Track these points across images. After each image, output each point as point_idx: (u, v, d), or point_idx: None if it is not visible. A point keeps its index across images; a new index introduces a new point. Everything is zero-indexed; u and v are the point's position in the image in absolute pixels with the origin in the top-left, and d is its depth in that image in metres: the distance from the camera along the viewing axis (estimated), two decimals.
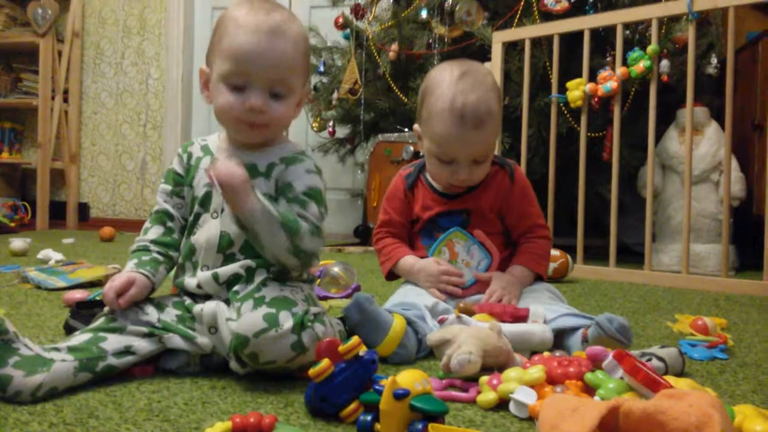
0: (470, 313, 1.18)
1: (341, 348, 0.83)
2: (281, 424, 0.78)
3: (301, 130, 3.90)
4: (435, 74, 1.33)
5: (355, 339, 0.84)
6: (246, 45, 1.02)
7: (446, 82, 1.28)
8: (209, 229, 1.07)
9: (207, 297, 1.05)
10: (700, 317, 1.39)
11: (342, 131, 3.55)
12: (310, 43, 1.10)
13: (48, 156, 4.07)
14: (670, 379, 0.88)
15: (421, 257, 1.38)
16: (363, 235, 3.41)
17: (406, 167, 1.47)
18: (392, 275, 1.43)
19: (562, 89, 2.51)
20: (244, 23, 1.03)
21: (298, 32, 1.07)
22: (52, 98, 4.09)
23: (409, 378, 0.78)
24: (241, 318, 0.94)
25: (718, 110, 2.65)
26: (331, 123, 3.38)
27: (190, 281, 1.06)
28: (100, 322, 1.00)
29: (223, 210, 1.06)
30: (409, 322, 1.14)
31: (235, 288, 1.03)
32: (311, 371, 0.82)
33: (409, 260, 1.38)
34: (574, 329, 1.15)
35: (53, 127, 4.11)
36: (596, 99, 2.44)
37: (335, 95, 3.23)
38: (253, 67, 1.03)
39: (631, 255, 2.97)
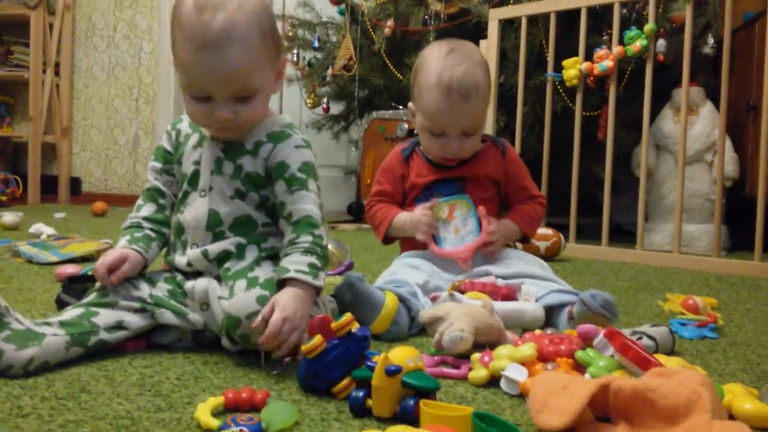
0: (461, 291, 1.18)
1: (333, 325, 0.83)
2: (273, 400, 0.79)
3: (295, 106, 3.87)
4: (425, 52, 1.39)
5: (347, 316, 0.84)
6: (197, 63, 0.96)
7: (434, 58, 1.34)
8: (197, 208, 1.05)
9: (198, 274, 1.04)
10: (690, 296, 1.40)
11: (336, 108, 3.53)
12: (271, 10, 1.04)
13: (39, 130, 4.03)
14: (661, 357, 0.88)
15: None
16: (356, 212, 3.41)
17: (402, 144, 1.49)
18: (388, 239, 1.44)
19: (558, 68, 2.49)
20: (190, 34, 0.95)
21: (250, 22, 0.96)
22: (44, 71, 4.05)
23: (402, 355, 0.78)
24: (233, 298, 0.94)
25: (713, 90, 2.65)
26: (325, 99, 3.35)
27: (180, 259, 1.05)
28: (91, 297, 1.00)
29: (211, 188, 1.05)
30: (402, 300, 1.14)
31: (227, 265, 1.02)
32: (303, 348, 0.82)
33: (402, 216, 1.40)
34: (562, 306, 1.16)
35: (44, 100, 4.07)
36: (592, 78, 2.43)
37: (330, 71, 3.20)
38: (208, 84, 0.97)
39: (624, 234, 2.98)
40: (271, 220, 1.06)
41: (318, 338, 0.82)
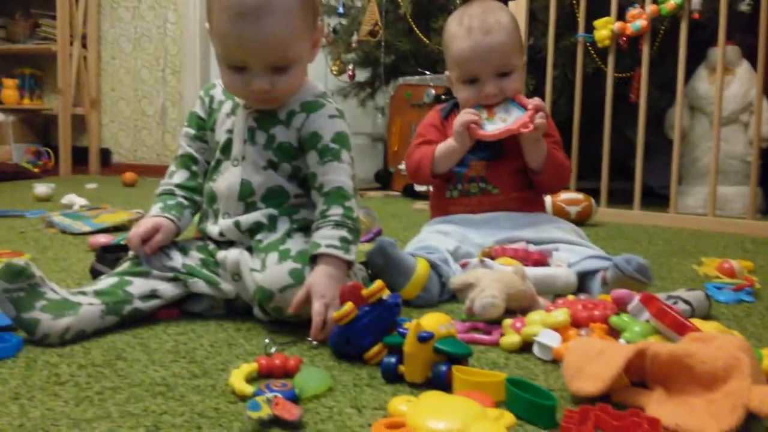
0: (492, 257, 1.17)
1: (364, 292, 0.83)
2: (306, 366, 0.79)
3: (321, 73, 3.85)
4: (450, 18, 1.40)
5: (378, 283, 0.84)
6: (233, 33, 0.94)
7: (457, 16, 1.37)
8: (229, 177, 1.05)
9: (230, 243, 1.05)
10: (726, 260, 1.38)
11: (362, 75, 3.50)
12: None
13: (68, 102, 4.06)
14: (697, 322, 0.87)
15: (448, 198, 1.38)
16: (384, 179, 3.39)
17: (439, 105, 1.48)
18: (436, 175, 1.38)
19: (590, 28, 2.43)
20: (227, 3, 0.93)
21: None
22: (71, 44, 4.06)
23: (433, 321, 0.78)
24: (266, 271, 0.94)
25: (750, 49, 2.56)
26: (350, 66, 3.32)
27: (212, 228, 1.06)
28: (125, 266, 1.01)
29: (244, 158, 1.04)
30: (432, 266, 1.14)
31: (258, 236, 1.02)
32: (335, 314, 0.82)
33: (442, 144, 1.36)
34: (596, 272, 1.15)
35: (72, 72, 4.09)
36: (624, 38, 2.37)
37: (355, 38, 3.16)
38: (245, 55, 0.96)
39: (656, 198, 2.92)
40: (303, 191, 1.05)
41: (349, 305, 0.82)
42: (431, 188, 1.49)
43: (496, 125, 1.31)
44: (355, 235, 0.99)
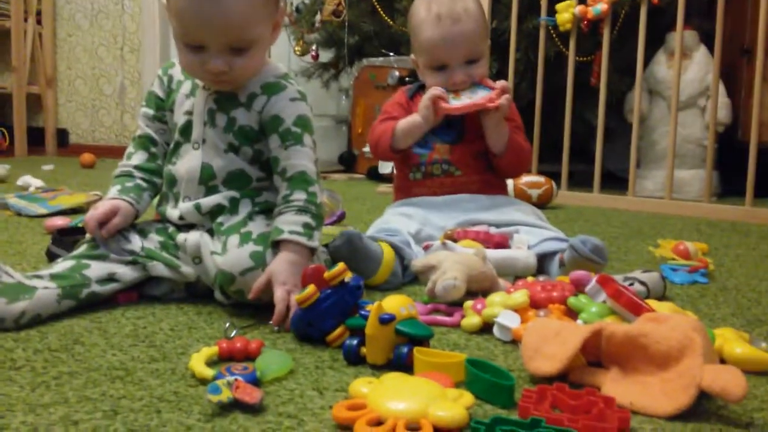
0: (454, 240, 1.18)
1: (327, 274, 0.83)
2: (268, 349, 0.79)
3: (283, 53, 3.80)
4: (417, 1, 1.38)
5: (340, 265, 0.84)
6: (190, 10, 0.91)
7: (424, 1, 1.35)
8: (190, 161, 1.03)
9: (190, 226, 1.03)
10: (681, 242, 1.41)
11: (325, 55, 3.47)
12: None
13: (23, 80, 3.95)
14: (652, 302, 0.89)
15: (412, 180, 1.39)
16: (348, 162, 3.38)
17: (405, 87, 1.47)
18: (396, 150, 1.37)
19: (552, 11, 2.45)
20: None
21: None
22: (25, 20, 3.95)
23: (395, 303, 0.78)
24: (227, 254, 0.93)
25: (707, 34, 2.61)
26: (314, 47, 3.29)
27: (172, 212, 1.04)
28: (82, 249, 0.99)
29: (204, 141, 1.02)
30: (395, 249, 1.14)
31: (219, 219, 1.01)
32: (297, 297, 0.82)
33: (405, 119, 1.36)
34: (555, 254, 1.17)
35: (27, 49, 3.98)
36: (586, 22, 2.39)
37: (318, 17, 3.13)
38: (202, 33, 0.93)
39: (615, 181, 2.97)
40: (265, 174, 1.04)
41: (311, 288, 0.82)
42: (395, 171, 1.49)
43: (461, 101, 1.32)
44: (318, 221, 0.98)
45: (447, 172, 1.36)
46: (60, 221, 1.55)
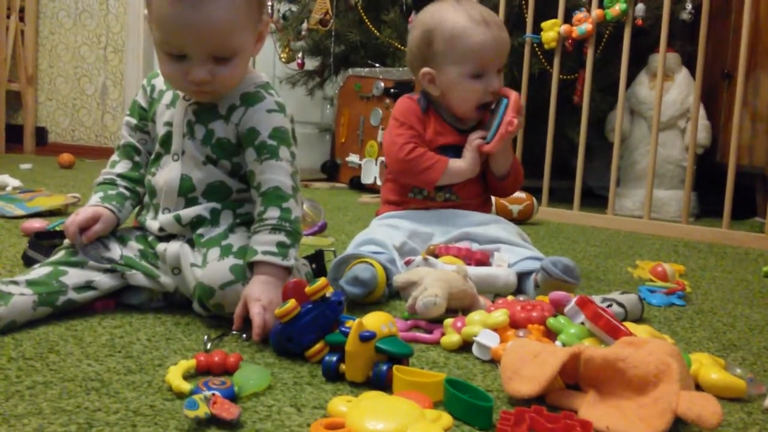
0: (436, 256, 1.19)
1: (308, 289, 0.83)
2: (246, 363, 0.78)
3: (269, 60, 3.80)
4: (432, 13, 1.34)
5: (322, 280, 0.84)
6: (173, 16, 0.89)
7: (460, 10, 1.32)
8: (169, 172, 1.01)
9: (171, 236, 1.02)
10: (659, 263, 1.42)
11: (311, 63, 3.47)
12: None
13: (3, 77, 3.91)
14: (630, 325, 0.90)
15: (410, 198, 1.38)
16: (331, 171, 3.37)
17: (409, 95, 1.41)
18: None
19: (537, 29, 2.48)
20: None
21: None
22: (7, 16, 3.91)
23: (376, 320, 0.78)
24: (206, 267, 0.93)
25: (689, 57, 2.65)
26: (300, 54, 3.29)
27: (152, 224, 1.02)
28: (60, 254, 0.98)
29: (183, 152, 1.01)
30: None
31: (200, 230, 0.99)
32: (277, 311, 0.82)
33: (455, 162, 1.33)
34: (530, 273, 1.18)
35: (8, 46, 3.94)
36: (570, 41, 2.42)
37: (305, 25, 3.13)
38: (184, 41, 0.91)
39: (595, 198, 3.00)
40: (245, 185, 1.03)
41: (292, 302, 0.82)
42: (384, 182, 1.45)
43: (490, 130, 1.32)
44: (293, 238, 0.96)
45: (448, 199, 1.37)
46: (37, 224, 1.52)
